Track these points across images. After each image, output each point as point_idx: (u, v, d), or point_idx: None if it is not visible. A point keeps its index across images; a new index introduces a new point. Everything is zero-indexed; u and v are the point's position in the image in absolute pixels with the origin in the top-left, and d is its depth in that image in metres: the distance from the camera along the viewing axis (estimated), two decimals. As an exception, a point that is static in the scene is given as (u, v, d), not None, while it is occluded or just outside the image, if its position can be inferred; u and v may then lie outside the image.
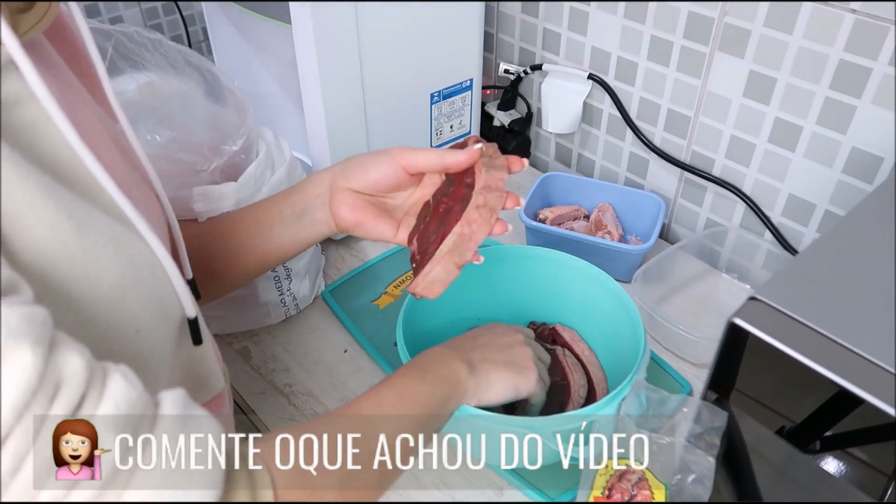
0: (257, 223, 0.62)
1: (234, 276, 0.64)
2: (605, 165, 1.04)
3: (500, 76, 1.09)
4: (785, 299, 0.44)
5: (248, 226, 0.62)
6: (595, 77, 0.96)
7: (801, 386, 0.44)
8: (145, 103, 0.70)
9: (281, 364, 0.79)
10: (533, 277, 0.76)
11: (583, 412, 0.58)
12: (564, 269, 0.73)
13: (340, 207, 0.59)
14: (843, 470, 0.45)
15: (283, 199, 0.62)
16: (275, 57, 1.00)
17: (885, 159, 0.72)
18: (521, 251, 0.77)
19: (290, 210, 0.61)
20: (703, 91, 0.85)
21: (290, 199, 0.62)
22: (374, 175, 0.59)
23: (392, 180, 0.59)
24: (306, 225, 0.61)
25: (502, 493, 0.65)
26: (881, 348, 0.40)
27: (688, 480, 0.53)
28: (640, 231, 0.93)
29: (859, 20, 0.68)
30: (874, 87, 0.70)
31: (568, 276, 0.73)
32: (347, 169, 0.60)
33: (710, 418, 0.51)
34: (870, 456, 0.43)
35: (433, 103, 0.95)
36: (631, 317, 0.66)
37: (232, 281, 0.65)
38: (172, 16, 1.33)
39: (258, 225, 0.61)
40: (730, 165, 0.87)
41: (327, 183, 0.60)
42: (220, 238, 0.62)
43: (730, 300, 0.87)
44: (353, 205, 0.59)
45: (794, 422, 0.46)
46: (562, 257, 0.73)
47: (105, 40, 0.70)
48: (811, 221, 0.82)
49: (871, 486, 0.43)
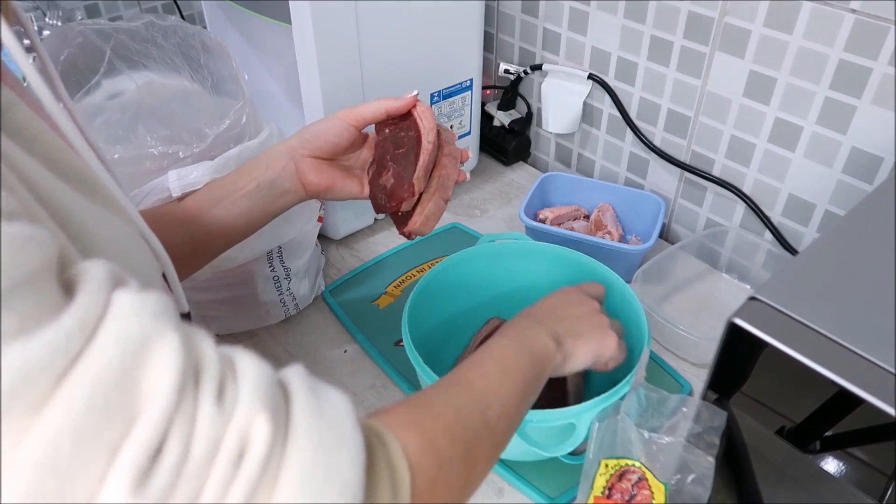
0: (219, 202, 0.63)
1: (200, 257, 0.65)
2: (605, 165, 1.04)
3: (500, 76, 1.09)
4: (785, 299, 0.44)
5: (209, 205, 0.63)
6: (595, 77, 0.96)
7: (801, 386, 0.44)
8: (145, 103, 0.70)
9: (281, 364, 0.78)
10: (536, 273, 0.76)
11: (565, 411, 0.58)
12: (568, 266, 0.74)
13: (307, 175, 0.64)
14: (843, 470, 0.45)
15: (243, 174, 0.64)
16: (275, 57, 1.00)
17: (885, 159, 0.72)
18: (525, 247, 0.77)
19: (254, 184, 0.63)
20: (703, 91, 0.85)
21: (252, 174, 0.63)
22: (332, 138, 0.64)
23: (346, 139, 0.64)
24: (274, 197, 0.64)
25: (502, 494, 0.65)
26: (881, 348, 0.40)
27: (687, 480, 0.53)
28: (640, 231, 0.93)
29: (859, 20, 0.68)
30: (874, 87, 0.70)
31: (571, 272, 0.73)
32: (304, 138, 0.64)
33: (710, 418, 0.51)
34: (870, 456, 0.43)
35: (433, 103, 0.95)
36: (635, 314, 0.66)
37: (198, 261, 0.66)
38: (172, 15, 1.33)
39: (220, 204, 0.63)
40: (730, 165, 0.87)
41: (287, 154, 0.64)
42: (181, 220, 0.63)
43: (730, 300, 0.87)
44: (319, 170, 0.64)
45: (794, 422, 0.46)
46: (566, 253, 0.73)
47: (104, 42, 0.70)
48: (811, 221, 0.82)
49: (871, 486, 0.43)
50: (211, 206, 0.63)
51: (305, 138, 0.64)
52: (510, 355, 0.50)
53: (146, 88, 0.72)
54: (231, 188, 0.63)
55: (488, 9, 1.04)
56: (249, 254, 0.73)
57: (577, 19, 0.95)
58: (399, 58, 0.86)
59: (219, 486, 0.27)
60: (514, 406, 0.47)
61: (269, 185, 0.63)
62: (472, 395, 0.44)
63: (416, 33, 0.86)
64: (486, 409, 0.44)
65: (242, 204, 0.63)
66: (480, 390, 0.45)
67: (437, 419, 0.39)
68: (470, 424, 0.41)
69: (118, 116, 0.69)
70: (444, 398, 0.43)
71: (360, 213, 0.95)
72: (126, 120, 0.69)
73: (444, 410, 0.41)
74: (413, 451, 0.36)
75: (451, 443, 0.39)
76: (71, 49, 0.68)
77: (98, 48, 0.70)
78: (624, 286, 0.69)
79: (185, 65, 0.74)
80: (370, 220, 0.97)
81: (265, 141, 0.72)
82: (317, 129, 0.65)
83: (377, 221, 0.99)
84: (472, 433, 0.41)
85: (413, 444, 0.36)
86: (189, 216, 0.63)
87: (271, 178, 0.63)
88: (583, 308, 0.61)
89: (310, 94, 0.81)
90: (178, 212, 0.63)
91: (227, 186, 0.63)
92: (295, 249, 0.79)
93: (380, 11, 0.80)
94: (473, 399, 0.44)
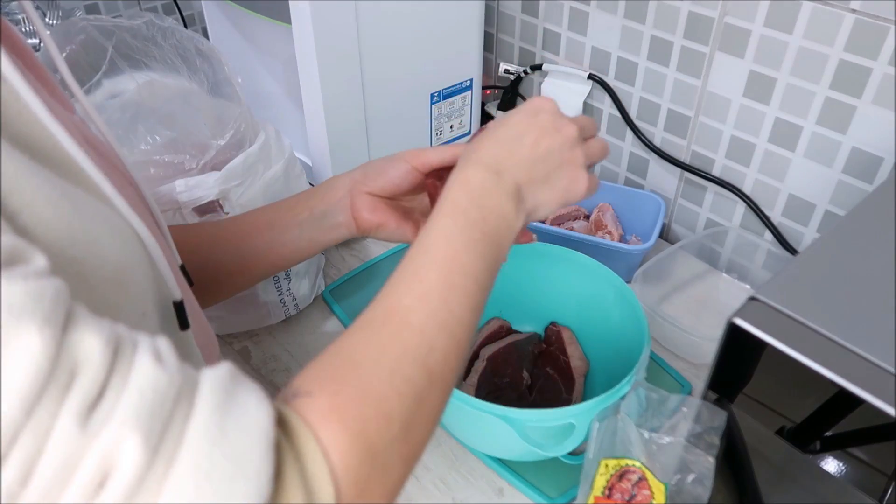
0: (272, 226, 0.62)
1: (244, 278, 0.65)
2: (605, 165, 1.04)
3: (500, 76, 1.09)
4: (785, 299, 0.44)
5: (261, 228, 0.62)
6: (595, 77, 0.96)
7: (801, 386, 0.44)
8: (145, 103, 0.70)
9: (281, 364, 0.79)
10: (537, 273, 0.76)
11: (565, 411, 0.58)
12: (569, 266, 0.74)
13: (362, 211, 0.61)
14: (843, 470, 0.45)
15: (300, 202, 0.63)
16: (275, 57, 1.00)
17: (885, 159, 0.72)
18: (526, 248, 0.77)
19: (307, 213, 0.62)
20: (703, 91, 0.85)
21: (308, 203, 0.62)
22: (393, 178, 0.60)
23: (409, 182, 0.60)
24: (326, 229, 0.62)
25: (502, 494, 0.65)
26: (881, 348, 0.40)
27: (687, 480, 0.53)
28: (640, 231, 0.93)
29: (859, 20, 0.68)
30: (874, 87, 0.70)
31: (572, 272, 0.73)
32: (367, 174, 0.62)
33: (710, 418, 0.51)
34: (870, 456, 0.43)
35: (433, 103, 0.95)
36: (635, 314, 0.66)
37: (242, 282, 0.65)
38: (172, 15, 1.33)
39: (273, 228, 0.62)
40: (730, 165, 0.87)
41: (347, 187, 0.62)
42: (232, 239, 0.62)
43: (730, 300, 0.87)
44: (374, 207, 0.61)
45: (794, 422, 0.46)
46: (566, 253, 0.73)
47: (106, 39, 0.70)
48: (811, 221, 0.82)
49: (871, 486, 0.43)
50: (264, 228, 0.62)
51: (368, 173, 0.62)
52: (458, 250, 0.41)
53: (146, 88, 0.72)
54: (285, 214, 0.62)
55: (488, 9, 1.04)
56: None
57: (577, 19, 0.95)
58: (399, 58, 0.86)
59: None
60: (466, 330, 0.39)
61: (322, 216, 0.62)
62: (410, 338, 0.36)
63: (416, 33, 0.86)
64: (428, 354, 0.36)
65: (293, 232, 0.62)
66: (421, 325, 0.37)
67: (367, 396, 0.33)
68: (409, 387, 0.35)
69: (118, 116, 0.69)
70: (375, 354, 0.35)
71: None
72: (126, 120, 0.69)
73: (375, 378, 0.34)
74: (337, 452, 0.30)
75: (386, 424, 0.33)
76: (73, 46, 0.68)
77: (100, 45, 0.70)
78: (624, 286, 0.69)
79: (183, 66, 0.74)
80: (370, 220, 0.97)
81: (264, 144, 0.73)
82: (380, 165, 0.61)
83: (377, 221, 0.99)
84: (413, 398, 0.35)
85: (337, 443, 0.31)
86: (242, 235, 0.62)
87: (325, 209, 0.62)
88: (554, 140, 0.49)
89: (310, 94, 0.81)
90: (233, 229, 0.63)
91: (282, 212, 0.63)
92: (295, 249, 0.79)
93: (380, 11, 0.80)
94: (413, 343, 0.36)
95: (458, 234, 0.42)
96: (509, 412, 0.57)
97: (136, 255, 0.36)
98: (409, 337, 0.36)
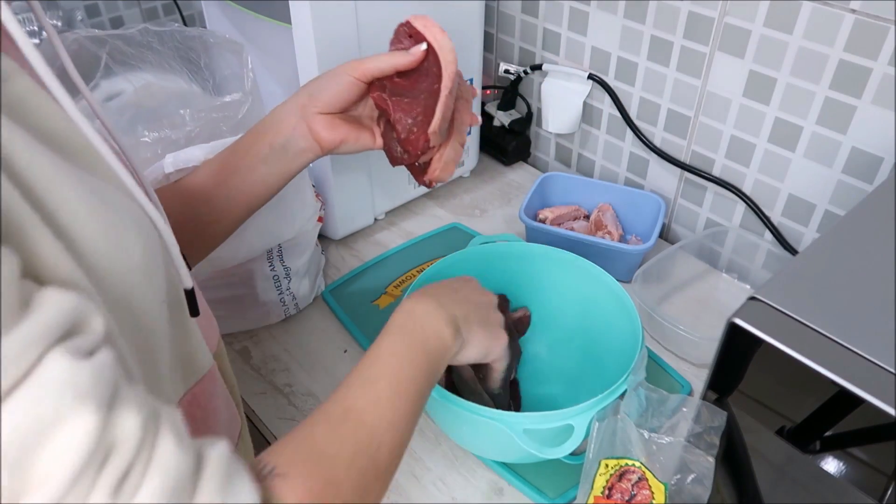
0: (236, 171, 0.62)
1: (223, 226, 0.64)
2: (605, 165, 1.04)
3: (500, 76, 1.09)
4: (785, 299, 0.44)
5: (228, 175, 0.62)
6: (595, 77, 0.96)
7: (801, 386, 0.44)
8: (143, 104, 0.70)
9: (281, 364, 0.79)
10: (532, 274, 0.76)
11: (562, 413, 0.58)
12: (564, 267, 0.73)
13: (320, 131, 0.62)
14: (843, 470, 0.45)
15: (257, 140, 0.63)
16: (275, 57, 1.00)
17: (885, 159, 0.72)
18: (521, 248, 0.77)
19: (268, 148, 0.62)
20: (703, 91, 0.85)
21: (264, 139, 0.62)
22: (339, 92, 0.62)
23: (354, 94, 0.63)
24: (291, 157, 0.63)
25: (502, 494, 0.65)
26: (881, 348, 0.40)
27: (687, 480, 0.53)
28: (640, 231, 0.93)
29: (859, 20, 0.68)
30: (874, 87, 0.70)
31: (567, 273, 0.73)
32: (312, 94, 0.63)
33: (710, 418, 0.51)
34: (870, 456, 0.43)
35: (433, 103, 0.94)
36: (629, 315, 0.66)
37: (219, 235, 0.65)
38: (172, 15, 1.33)
39: (237, 173, 0.62)
40: (730, 165, 0.87)
41: (297, 113, 0.62)
42: (200, 195, 0.61)
43: (730, 300, 0.87)
44: (331, 125, 0.63)
45: (794, 422, 0.46)
46: (561, 255, 0.73)
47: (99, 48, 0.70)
48: (811, 221, 0.82)
49: (871, 486, 0.43)
50: (223, 180, 0.61)
51: (314, 94, 0.62)
52: (404, 365, 0.47)
53: (144, 90, 0.72)
54: (244, 157, 0.62)
55: (488, 9, 1.04)
56: (249, 252, 0.73)
57: (577, 19, 0.95)
58: (399, 58, 0.86)
59: None
60: (405, 433, 0.45)
61: (283, 148, 0.62)
62: (363, 436, 0.42)
63: (415, 33, 0.86)
64: (377, 450, 0.42)
65: (260, 170, 0.62)
66: (371, 426, 0.43)
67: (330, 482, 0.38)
68: (360, 478, 0.40)
69: (116, 118, 0.69)
70: (336, 447, 0.41)
71: (360, 213, 0.95)
72: (124, 122, 0.69)
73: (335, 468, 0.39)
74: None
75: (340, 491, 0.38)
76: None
77: (93, 54, 0.70)
78: (617, 286, 0.69)
79: (182, 68, 0.74)
80: (370, 220, 0.97)
81: None
82: (322, 83, 0.63)
83: (377, 221, 0.99)
84: (363, 488, 0.40)
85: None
86: (193, 195, 0.61)
87: (284, 140, 0.62)
88: (483, 298, 0.60)
89: (310, 94, 0.81)
90: (180, 192, 0.61)
91: (239, 156, 0.62)
92: (295, 249, 0.79)
93: (380, 11, 0.80)
94: (365, 440, 0.42)
95: (403, 350, 0.49)
96: (507, 416, 0.57)
97: (155, 244, 0.38)
98: (363, 434, 0.42)
